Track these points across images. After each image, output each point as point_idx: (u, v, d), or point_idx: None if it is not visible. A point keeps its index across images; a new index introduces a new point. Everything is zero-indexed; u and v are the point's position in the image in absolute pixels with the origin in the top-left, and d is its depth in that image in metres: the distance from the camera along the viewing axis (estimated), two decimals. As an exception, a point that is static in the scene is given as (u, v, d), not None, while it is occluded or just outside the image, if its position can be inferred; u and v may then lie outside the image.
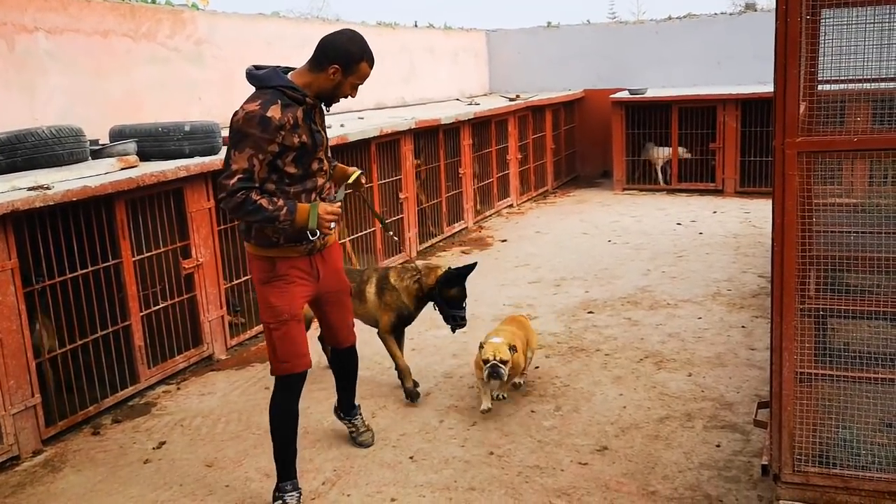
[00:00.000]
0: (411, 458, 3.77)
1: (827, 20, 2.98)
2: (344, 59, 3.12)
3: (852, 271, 4.19)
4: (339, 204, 3.28)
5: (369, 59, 3.19)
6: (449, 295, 4.36)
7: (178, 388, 4.76)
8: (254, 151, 3.02)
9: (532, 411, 4.18)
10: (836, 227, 4.45)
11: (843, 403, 3.03)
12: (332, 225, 3.20)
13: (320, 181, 3.28)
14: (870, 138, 2.46)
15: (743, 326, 5.27)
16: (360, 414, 3.98)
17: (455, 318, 4.37)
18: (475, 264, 4.47)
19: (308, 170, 3.21)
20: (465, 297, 4.41)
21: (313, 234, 3.16)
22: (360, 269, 4.84)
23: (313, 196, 3.24)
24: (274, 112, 3.02)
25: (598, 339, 5.16)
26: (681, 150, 10.43)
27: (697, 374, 4.56)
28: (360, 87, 3.25)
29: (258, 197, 3.04)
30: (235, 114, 3.07)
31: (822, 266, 3.43)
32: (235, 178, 3.01)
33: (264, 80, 3.13)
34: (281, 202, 3.08)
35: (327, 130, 3.41)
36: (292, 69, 3.21)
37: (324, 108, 3.28)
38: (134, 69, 6.32)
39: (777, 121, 2.53)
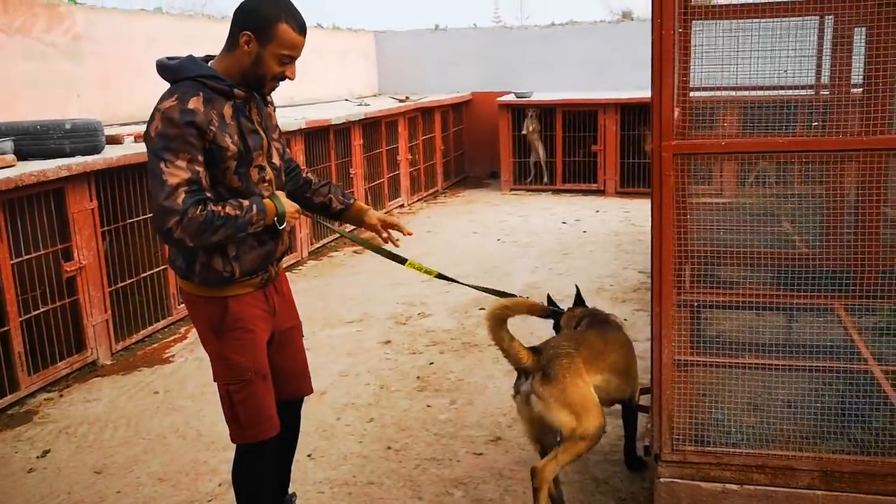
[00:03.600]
0: (309, 455, 3.79)
1: (698, 30, 3.21)
2: (255, 21, 2.46)
3: (723, 265, 4.52)
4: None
5: (291, 20, 2.48)
6: None
7: (61, 395, 4.59)
8: (191, 155, 2.39)
9: (428, 406, 4.28)
10: (708, 224, 4.78)
11: (716, 387, 3.28)
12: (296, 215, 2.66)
13: (266, 194, 2.62)
14: (736, 142, 2.68)
15: (625, 319, 5.53)
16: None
17: None
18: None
19: (249, 182, 2.57)
20: None
21: (281, 223, 2.59)
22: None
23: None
24: (196, 104, 2.41)
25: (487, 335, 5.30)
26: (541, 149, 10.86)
27: (583, 365, 4.77)
28: (294, 61, 2.55)
29: (218, 207, 2.43)
30: (151, 119, 2.45)
31: (696, 261, 3.69)
32: (181, 194, 2.36)
33: (179, 70, 2.50)
34: (245, 202, 2.50)
35: (278, 126, 2.80)
36: (212, 56, 2.60)
37: (263, 100, 2.68)
38: (8, 65, 6.02)
39: (654, 125, 2.72)
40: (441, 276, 3.34)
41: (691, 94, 3.30)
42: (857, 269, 3.88)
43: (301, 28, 2.53)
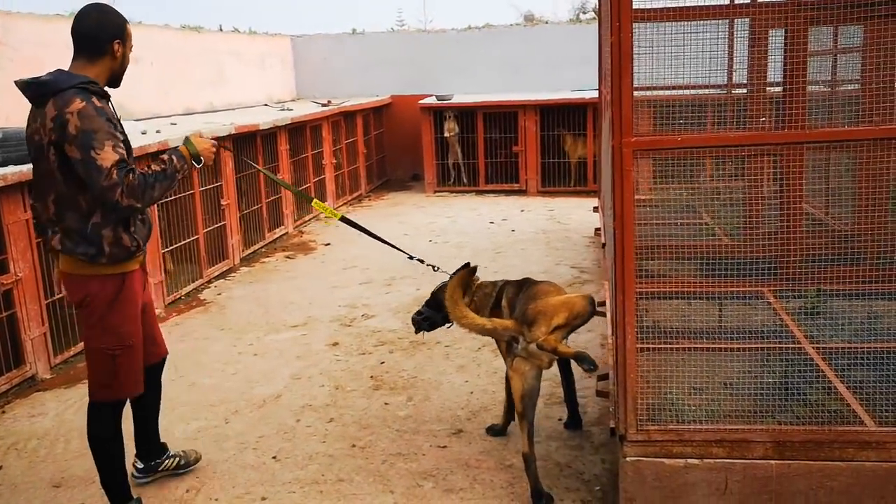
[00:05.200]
0: (274, 457, 3.81)
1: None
2: (118, 30, 3.02)
3: (650, 258, 4.76)
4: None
5: (127, 21, 3.11)
6: None
7: (3, 412, 4.44)
8: (113, 142, 2.86)
9: (385, 403, 4.34)
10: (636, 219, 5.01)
11: (663, 372, 3.48)
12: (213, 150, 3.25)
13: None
14: (692, 137, 2.87)
15: (564, 313, 5.73)
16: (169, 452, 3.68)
17: None
18: None
19: None
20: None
21: (199, 162, 3.18)
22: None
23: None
24: (98, 102, 2.89)
25: (436, 333, 5.35)
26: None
27: (531, 358, 4.93)
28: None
29: (145, 169, 2.94)
30: (63, 122, 2.81)
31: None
32: (114, 172, 2.82)
33: (59, 82, 2.89)
34: (164, 156, 3.04)
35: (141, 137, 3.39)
36: (66, 70, 2.99)
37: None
38: (-79, 70, 5.76)
39: (614, 123, 2.88)
40: (344, 220, 3.88)
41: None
42: (782, 257, 4.18)
43: None
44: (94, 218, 2.96)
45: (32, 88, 2.93)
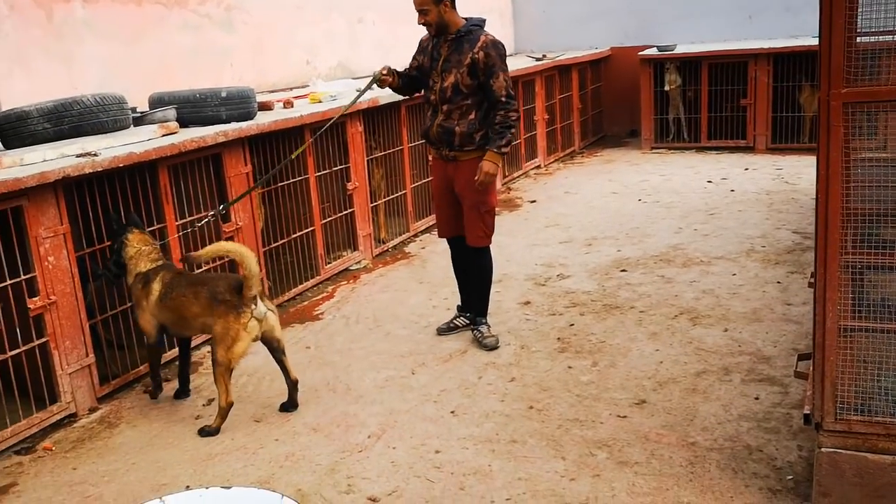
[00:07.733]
0: (452, 412, 3.86)
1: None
2: None
3: (889, 226, 4.18)
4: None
5: None
6: None
7: (222, 349, 4.87)
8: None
9: (569, 367, 4.25)
10: (872, 181, 4.42)
11: (882, 356, 3.06)
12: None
13: (432, 97, 4.53)
14: (916, 88, 2.46)
15: (778, 282, 5.28)
16: (487, 322, 4.72)
17: None
18: None
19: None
20: None
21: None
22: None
23: (427, 108, 4.59)
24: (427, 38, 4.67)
25: (632, 297, 5.20)
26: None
27: (733, 329, 4.59)
28: (420, 15, 4.50)
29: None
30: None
31: (859, 220, 3.45)
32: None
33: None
34: None
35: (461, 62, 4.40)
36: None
37: (456, 41, 4.44)
38: (167, 37, 6.36)
39: (822, 72, 2.54)
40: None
41: (857, 39, 3.06)
42: None
43: None
44: None
45: (478, 23, 4.52)
